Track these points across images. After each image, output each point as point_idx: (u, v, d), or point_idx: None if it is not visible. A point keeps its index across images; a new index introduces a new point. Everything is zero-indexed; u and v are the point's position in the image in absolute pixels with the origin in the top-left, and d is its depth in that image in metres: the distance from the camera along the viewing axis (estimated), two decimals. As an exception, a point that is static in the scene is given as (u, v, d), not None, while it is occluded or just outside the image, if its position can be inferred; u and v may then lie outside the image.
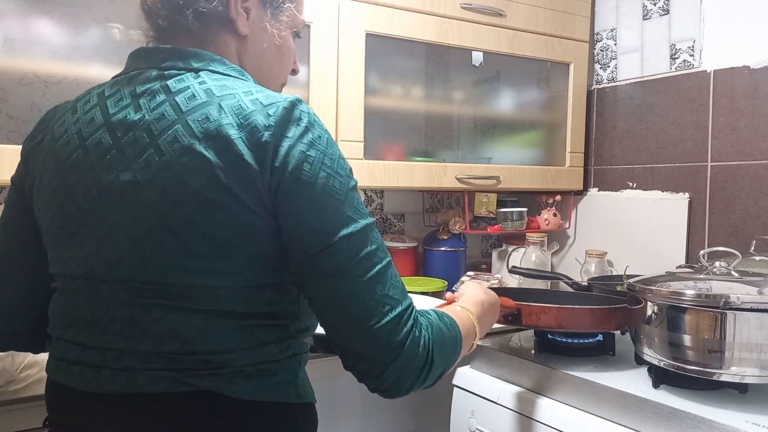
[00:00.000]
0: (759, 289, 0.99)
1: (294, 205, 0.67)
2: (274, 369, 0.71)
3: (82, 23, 1.25)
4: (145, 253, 0.67)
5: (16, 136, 1.21)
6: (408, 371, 0.69)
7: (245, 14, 0.78)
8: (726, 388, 1.00)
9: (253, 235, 0.67)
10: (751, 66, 1.54)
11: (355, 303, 0.67)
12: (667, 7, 1.74)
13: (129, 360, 0.68)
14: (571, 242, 2.00)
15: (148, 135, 0.68)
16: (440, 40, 1.64)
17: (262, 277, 0.69)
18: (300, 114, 0.69)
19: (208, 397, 0.67)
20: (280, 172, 0.66)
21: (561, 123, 1.91)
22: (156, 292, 0.67)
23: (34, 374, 1.04)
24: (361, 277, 0.67)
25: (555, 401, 1.11)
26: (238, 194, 0.65)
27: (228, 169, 0.65)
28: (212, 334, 0.67)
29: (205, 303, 0.67)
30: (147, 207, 0.67)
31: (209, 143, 0.65)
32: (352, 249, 0.67)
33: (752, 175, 1.54)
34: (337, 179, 0.69)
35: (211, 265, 0.66)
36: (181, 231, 0.66)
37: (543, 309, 1.11)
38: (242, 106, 0.67)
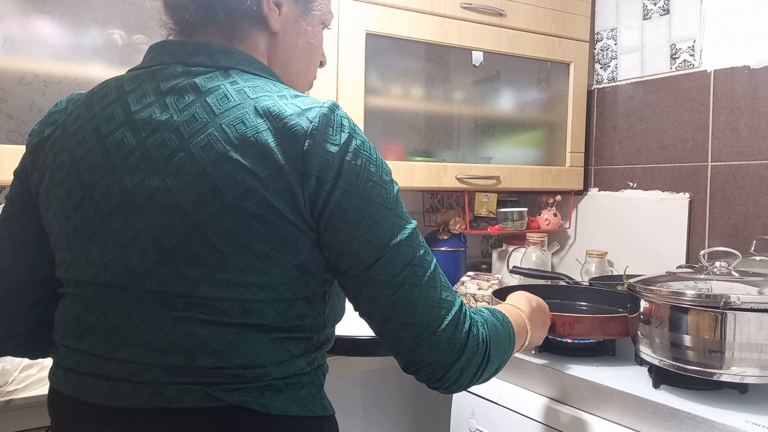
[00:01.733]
0: (759, 289, 0.99)
1: (343, 218, 0.65)
2: (302, 382, 0.70)
3: (82, 23, 1.25)
4: (178, 264, 0.64)
5: (16, 136, 1.21)
6: (468, 368, 0.70)
7: (277, 10, 0.75)
8: (726, 388, 1.00)
9: (290, 247, 0.65)
10: (751, 66, 1.54)
11: (414, 312, 0.66)
12: (668, 6, 1.74)
13: (155, 373, 0.65)
14: (571, 242, 2.00)
15: (178, 138, 0.64)
16: (440, 39, 1.64)
17: (295, 290, 0.68)
18: (341, 120, 0.66)
19: (239, 412, 0.65)
20: (325, 183, 0.64)
21: (561, 123, 1.91)
22: (187, 304, 0.64)
23: (34, 374, 1.04)
24: (417, 284, 0.67)
25: (555, 401, 1.11)
26: (277, 206, 0.63)
27: (266, 179, 0.62)
28: (244, 348, 0.65)
29: (236, 316, 0.65)
30: (179, 215, 0.63)
31: (246, 151, 0.62)
32: (404, 257, 0.66)
33: (752, 175, 1.54)
34: (384, 187, 0.67)
35: (246, 278, 0.64)
36: (217, 243, 0.63)
37: (576, 319, 1.12)
38: (279, 111, 0.64)
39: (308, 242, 0.66)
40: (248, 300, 0.65)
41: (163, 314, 0.65)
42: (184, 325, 0.64)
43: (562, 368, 1.12)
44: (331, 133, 0.65)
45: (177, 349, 0.64)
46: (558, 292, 1.45)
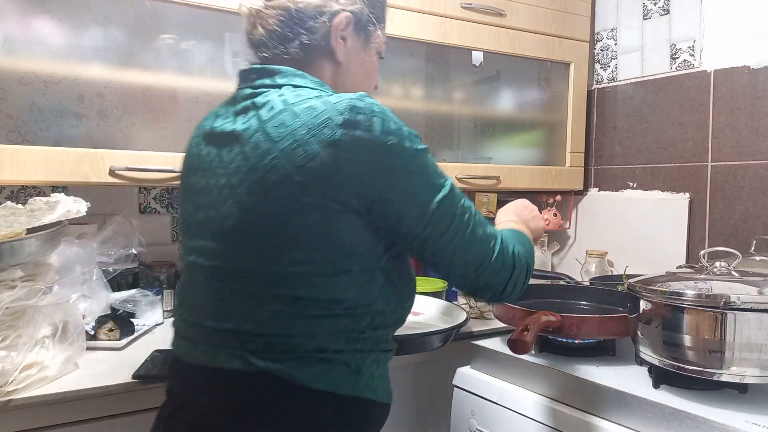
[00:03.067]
0: (759, 289, 0.99)
1: (388, 193, 0.75)
2: (335, 359, 0.76)
3: (82, 23, 1.25)
4: (233, 243, 0.77)
5: (16, 136, 1.21)
6: (519, 279, 0.87)
7: (343, 43, 0.87)
8: (726, 388, 1.00)
9: (325, 224, 0.74)
10: (751, 66, 1.54)
11: (471, 251, 0.82)
12: (668, 6, 1.74)
13: (215, 338, 0.78)
14: (571, 242, 2.00)
15: (239, 144, 0.78)
16: (440, 39, 1.64)
17: (335, 264, 0.75)
18: (370, 106, 0.75)
19: (272, 379, 0.74)
20: (364, 165, 0.73)
21: (561, 123, 1.91)
22: (238, 278, 0.77)
23: (34, 374, 1.04)
24: (466, 229, 0.81)
25: (555, 401, 1.11)
26: (310, 188, 0.72)
27: (301, 168, 0.72)
28: (281, 319, 0.75)
29: (277, 288, 0.75)
30: (237, 205, 0.76)
31: (284, 145, 0.73)
32: (449, 209, 0.79)
33: (752, 175, 1.54)
34: (419, 156, 0.77)
35: (287, 253, 0.74)
36: (261, 224, 0.74)
37: (583, 320, 1.12)
38: (314, 108, 0.74)
39: (344, 220, 0.74)
40: (288, 273, 0.74)
41: (224, 287, 0.78)
42: (236, 297, 0.77)
43: (562, 368, 1.12)
44: (360, 119, 0.74)
45: (230, 317, 0.77)
46: (558, 292, 1.45)
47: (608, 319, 1.14)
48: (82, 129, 1.26)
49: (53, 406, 1.04)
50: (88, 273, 1.27)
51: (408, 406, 1.45)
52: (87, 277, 1.27)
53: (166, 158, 1.33)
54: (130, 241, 1.41)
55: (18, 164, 1.18)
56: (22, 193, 1.49)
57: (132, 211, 1.62)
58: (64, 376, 1.10)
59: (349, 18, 0.86)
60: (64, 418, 1.05)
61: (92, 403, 1.07)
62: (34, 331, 1.05)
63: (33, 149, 1.20)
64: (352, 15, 0.86)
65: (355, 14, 0.87)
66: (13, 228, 1.07)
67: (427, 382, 1.39)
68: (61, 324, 1.12)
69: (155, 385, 1.12)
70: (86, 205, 1.16)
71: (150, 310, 1.46)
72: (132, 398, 1.10)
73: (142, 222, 1.49)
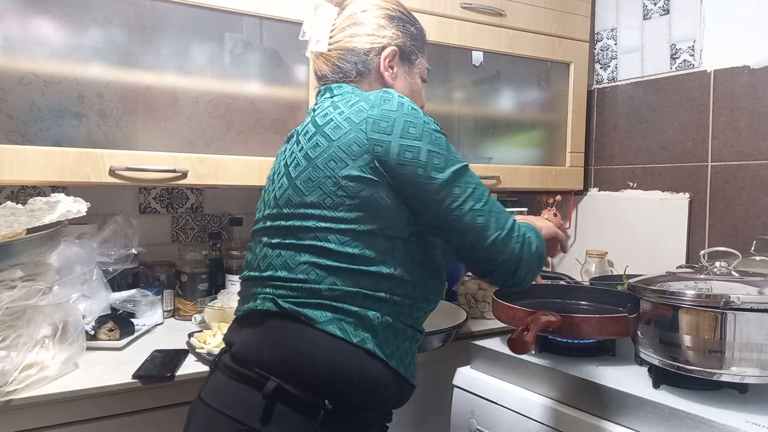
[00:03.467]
0: (759, 289, 0.99)
1: (408, 164, 0.88)
2: (349, 310, 0.87)
3: (82, 23, 1.25)
4: (279, 204, 0.94)
5: (16, 136, 1.21)
6: (532, 265, 0.95)
7: (391, 70, 1.05)
8: (726, 388, 1.00)
9: (353, 186, 0.88)
10: (751, 66, 1.54)
11: (482, 222, 0.90)
12: (668, 6, 1.74)
13: (257, 286, 0.94)
14: (571, 242, 2.00)
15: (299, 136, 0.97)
16: (440, 39, 1.64)
17: (356, 221, 0.88)
18: (397, 96, 0.92)
19: (292, 319, 0.87)
20: (387, 141, 0.88)
21: (561, 123, 1.91)
22: (279, 232, 0.93)
23: (34, 374, 1.04)
24: (477, 204, 0.90)
25: (555, 401, 1.11)
26: (344, 159, 0.89)
27: (336, 141, 0.90)
28: (306, 267, 0.89)
29: (307, 239, 0.89)
30: (288, 175, 0.94)
31: (325, 128, 0.92)
32: (462, 184, 0.90)
33: (752, 175, 1.54)
34: (436, 137, 0.91)
35: (315, 210, 0.89)
36: (301, 186, 0.91)
37: (584, 320, 1.12)
38: (350, 101, 0.94)
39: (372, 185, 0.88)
40: (318, 228, 0.89)
41: (268, 243, 0.94)
42: (276, 249, 0.93)
43: (562, 368, 1.12)
44: (386, 104, 0.91)
45: (270, 266, 0.93)
46: (558, 292, 1.45)
47: (608, 319, 1.14)
48: (82, 129, 1.26)
49: (53, 406, 1.04)
50: (88, 273, 1.27)
51: (408, 406, 1.45)
52: (87, 277, 1.27)
53: (166, 158, 1.33)
54: (130, 241, 1.41)
55: (18, 164, 1.18)
56: (22, 193, 1.49)
57: (132, 211, 1.63)
58: (64, 376, 1.10)
59: (395, 51, 1.05)
60: (64, 418, 1.05)
61: (92, 403, 1.07)
62: (34, 331, 1.05)
63: (33, 149, 1.20)
64: (397, 48, 1.05)
65: (399, 47, 1.06)
66: (13, 228, 1.07)
67: (427, 382, 1.39)
68: (61, 324, 1.12)
69: (155, 385, 1.12)
70: (86, 205, 1.16)
71: (150, 310, 1.46)
72: (132, 398, 1.11)
73: (142, 222, 1.49)
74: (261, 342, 0.89)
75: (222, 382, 0.91)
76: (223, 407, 0.87)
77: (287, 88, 1.49)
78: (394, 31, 1.06)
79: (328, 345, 0.85)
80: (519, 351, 1.02)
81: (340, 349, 0.85)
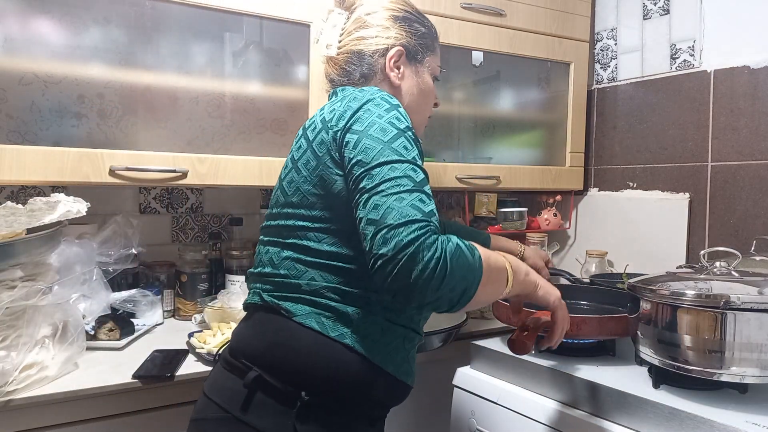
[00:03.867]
0: (759, 289, 0.99)
1: (345, 149, 0.86)
2: (327, 305, 0.87)
3: (82, 23, 1.25)
4: (272, 204, 0.99)
5: (16, 136, 1.21)
6: (418, 270, 0.75)
7: (397, 71, 1.05)
8: (726, 388, 1.00)
9: (326, 183, 0.89)
10: (751, 66, 1.54)
11: (375, 210, 0.79)
12: (668, 7, 1.74)
13: (254, 281, 0.98)
14: (571, 242, 2.00)
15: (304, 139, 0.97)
16: (440, 39, 1.64)
17: (335, 220, 0.88)
18: (369, 93, 0.91)
19: (274, 312, 0.90)
20: (342, 130, 0.88)
21: (561, 123, 1.91)
22: (270, 231, 0.97)
23: (34, 374, 1.04)
24: (383, 192, 0.79)
25: (555, 401, 1.11)
26: (317, 156, 0.90)
27: (312, 141, 0.92)
28: (288, 264, 0.91)
29: (290, 238, 0.92)
30: (281, 177, 0.99)
31: (308, 132, 0.95)
32: (386, 173, 0.81)
33: (752, 175, 1.54)
34: (385, 130, 0.85)
35: (297, 210, 0.92)
36: (286, 188, 0.95)
37: (584, 320, 1.12)
38: (333, 104, 0.95)
39: (338, 179, 0.88)
40: (299, 227, 0.91)
41: (263, 241, 0.99)
42: (266, 246, 0.97)
43: (562, 368, 1.12)
44: (353, 101, 0.91)
45: (261, 263, 0.97)
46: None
47: (608, 319, 1.14)
48: (82, 129, 1.26)
49: (53, 406, 1.04)
50: (88, 273, 1.27)
51: (408, 406, 1.45)
52: (87, 277, 1.27)
53: (166, 158, 1.33)
54: (130, 241, 1.41)
55: (18, 164, 1.18)
56: (22, 193, 1.49)
57: (132, 211, 1.63)
58: (64, 376, 1.10)
59: (401, 51, 1.04)
60: (64, 418, 1.05)
61: (92, 403, 1.07)
62: (34, 331, 1.05)
63: (33, 149, 1.20)
64: (403, 48, 1.05)
65: (405, 47, 1.05)
66: (13, 228, 1.07)
67: (427, 382, 1.39)
68: (61, 324, 1.12)
69: (155, 385, 1.12)
70: (86, 205, 1.16)
71: (150, 310, 1.46)
72: (132, 398, 1.11)
73: (142, 222, 1.49)
74: (248, 334, 0.93)
75: (217, 372, 0.95)
76: (213, 394, 0.91)
77: (287, 88, 1.49)
78: (398, 32, 1.05)
79: (305, 338, 0.87)
80: (519, 351, 1.02)
81: (317, 342, 0.86)
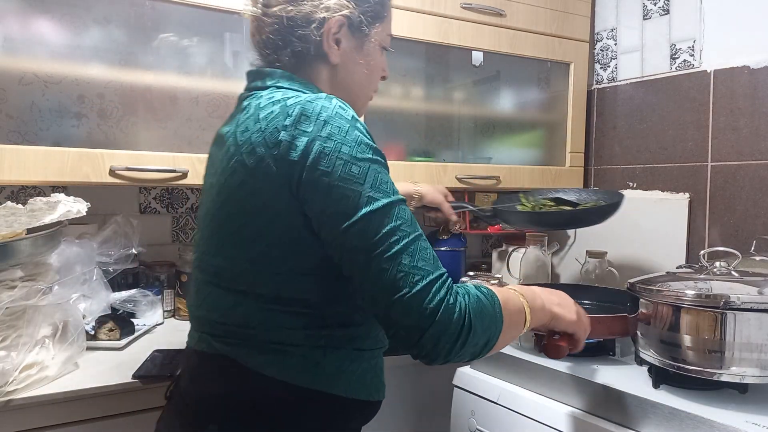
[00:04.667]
0: (759, 289, 0.99)
1: (316, 194, 0.74)
2: (292, 352, 0.78)
3: (82, 23, 1.25)
4: (207, 239, 0.84)
5: (16, 136, 1.21)
6: (445, 336, 0.71)
7: (336, 46, 0.88)
8: (726, 388, 1.00)
9: (278, 224, 0.76)
10: (751, 66, 1.54)
11: (385, 276, 0.71)
12: (668, 7, 1.74)
13: (195, 323, 0.87)
14: (571, 242, 2.00)
15: (221, 147, 0.83)
16: (440, 39, 1.64)
17: (292, 264, 0.77)
18: (319, 109, 0.76)
19: (229, 361, 0.79)
20: (300, 165, 0.74)
21: (561, 123, 1.91)
22: (209, 271, 0.83)
23: (34, 374, 1.04)
24: (389, 251, 0.72)
25: (555, 401, 1.11)
26: (263, 189, 0.76)
27: (253, 169, 0.76)
28: (240, 311, 0.79)
29: (239, 284, 0.79)
30: (211, 203, 0.83)
31: (243, 149, 0.77)
32: (376, 225, 0.72)
33: (752, 175, 1.54)
34: (356, 165, 0.74)
35: (245, 252, 0.78)
36: (225, 223, 0.80)
37: (599, 320, 1.11)
38: (272, 112, 0.77)
39: (295, 218, 0.76)
40: (249, 271, 0.78)
41: (200, 278, 0.85)
42: (207, 287, 0.83)
43: (562, 368, 1.12)
44: (305, 122, 0.75)
45: (203, 306, 0.84)
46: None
47: (608, 319, 1.14)
48: (82, 129, 1.26)
49: (53, 406, 1.04)
50: (88, 273, 1.27)
51: (408, 406, 1.45)
52: (87, 277, 1.27)
53: (166, 158, 1.33)
54: (130, 241, 1.41)
55: (18, 164, 1.18)
56: (22, 193, 1.49)
57: (132, 211, 1.62)
58: (64, 376, 1.10)
59: (341, 21, 0.87)
60: (64, 418, 1.05)
61: (92, 403, 1.07)
62: (34, 331, 1.05)
63: (33, 149, 1.20)
64: (344, 18, 0.87)
65: (347, 17, 0.87)
66: (13, 228, 1.07)
67: (427, 382, 1.39)
68: (61, 324, 1.12)
69: (155, 385, 1.12)
70: (86, 205, 1.16)
71: (150, 310, 1.46)
72: (132, 398, 1.10)
73: (142, 222, 1.49)
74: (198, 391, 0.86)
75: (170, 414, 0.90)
76: None
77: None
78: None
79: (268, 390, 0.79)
80: (554, 356, 0.94)
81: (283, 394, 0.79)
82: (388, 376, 0.93)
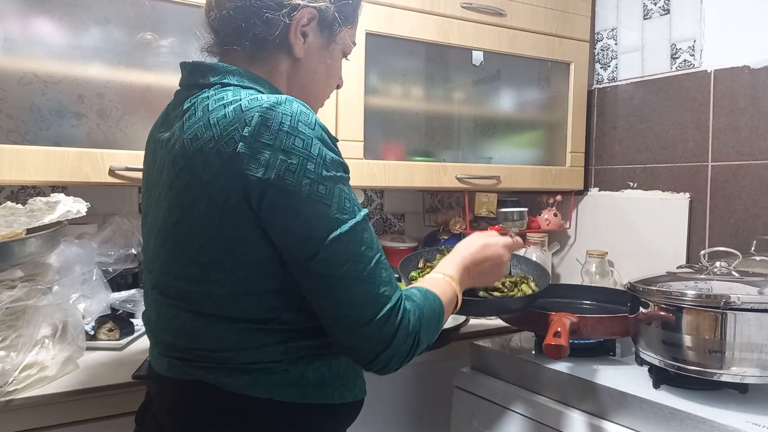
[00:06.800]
0: (759, 289, 0.99)
1: (280, 215, 0.69)
2: (273, 368, 0.75)
3: (82, 23, 1.25)
4: (164, 260, 0.76)
5: (16, 136, 1.21)
6: (397, 355, 0.74)
7: (302, 39, 0.82)
8: (726, 388, 1.00)
9: (240, 243, 0.71)
10: (751, 66, 1.54)
11: (347, 304, 0.71)
12: (668, 6, 1.73)
13: (161, 347, 0.81)
14: (571, 242, 2.00)
15: (165, 155, 0.76)
16: (440, 39, 1.64)
17: (260, 283, 0.73)
18: (281, 118, 0.69)
19: (205, 386, 0.75)
20: (262, 182, 0.68)
21: (561, 123, 1.91)
22: (171, 294, 0.77)
23: (34, 374, 1.04)
24: (353, 280, 0.70)
25: (555, 401, 1.11)
26: (221, 206, 0.69)
27: (208, 184, 0.69)
28: (211, 335, 0.75)
29: (206, 307, 0.74)
30: (163, 220, 0.75)
31: (195, 160, 0.70)
32: (342, 252, 0.70)
33: (752, 175, 1.54)
34: (322, 183, 0.69)
35: (209, 274, 0.72)
36: (183, 242, 0.73)
37: (584, 320, 1.12)
38: (225, 117, 0.70)
39: (257, 238, 0.71)
40: (215, 293, 0.73)
41: (162, 301, 0.78)
42: (172, 311, 0.77)
43: (562, 368, 1.12)
44: (266, 133, 0.68)
45: (168, 330, 0.78)
46: (558, 291, 1.44)
47: (608, 319, 1.14)
48: (82, 129, 1.26)
49: (53, 406, 1.04)
50: (88, 273, 1.27)
51: (408, 406, 1.45)
52: (87, 277, 1.27)
53: (166, 158, 1.33)
54: (130, 241, 1.41)
55: (18, 164, 1.18)
56: (22, 193, 1.49)
57: (132, 211, 1.62)
58: (64, 376, 1.10)
59: (313, 14, 0.81)
60: (64, 418, 1.05)
61: (92, 403, 1.07)
62: (34, 331, 1.05)
63: (33, 149, 1.20)
64: (317, 12, 0.81)
65: (320, 11, 0.81)
66: (13, 228, 1.07)
67: (427, 383, 1.39)
68: (61, 324, 1.12)
69: (155, 385, 1.11)
70: (86, 205, 1.16)
71: (150, 310, 1.46)
72: (132, 398, 1.10)
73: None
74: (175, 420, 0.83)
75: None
76: None
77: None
78: None
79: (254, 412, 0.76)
80: (556, 356, 0.97)
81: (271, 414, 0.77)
82: (389, 376, 0.93)
